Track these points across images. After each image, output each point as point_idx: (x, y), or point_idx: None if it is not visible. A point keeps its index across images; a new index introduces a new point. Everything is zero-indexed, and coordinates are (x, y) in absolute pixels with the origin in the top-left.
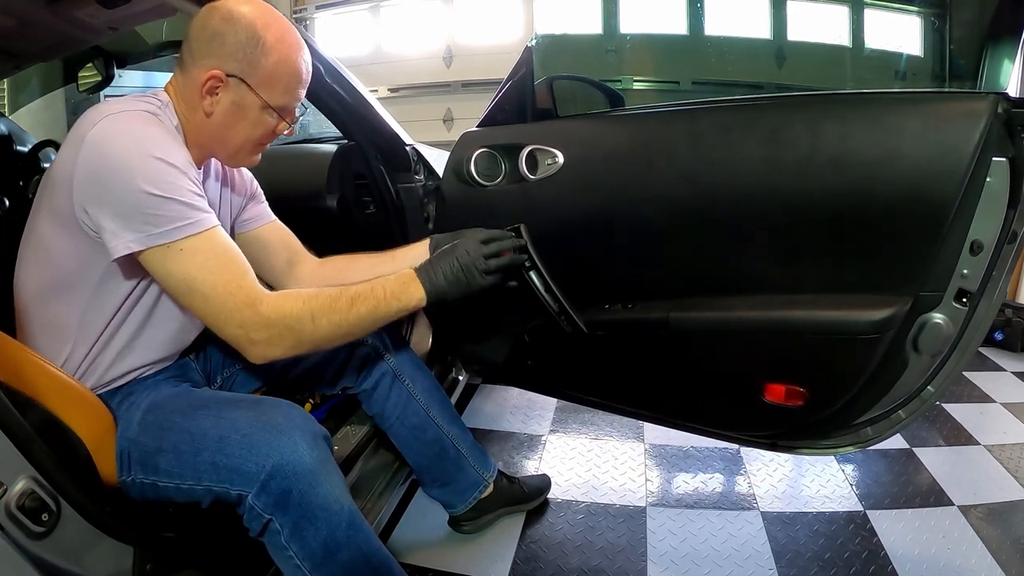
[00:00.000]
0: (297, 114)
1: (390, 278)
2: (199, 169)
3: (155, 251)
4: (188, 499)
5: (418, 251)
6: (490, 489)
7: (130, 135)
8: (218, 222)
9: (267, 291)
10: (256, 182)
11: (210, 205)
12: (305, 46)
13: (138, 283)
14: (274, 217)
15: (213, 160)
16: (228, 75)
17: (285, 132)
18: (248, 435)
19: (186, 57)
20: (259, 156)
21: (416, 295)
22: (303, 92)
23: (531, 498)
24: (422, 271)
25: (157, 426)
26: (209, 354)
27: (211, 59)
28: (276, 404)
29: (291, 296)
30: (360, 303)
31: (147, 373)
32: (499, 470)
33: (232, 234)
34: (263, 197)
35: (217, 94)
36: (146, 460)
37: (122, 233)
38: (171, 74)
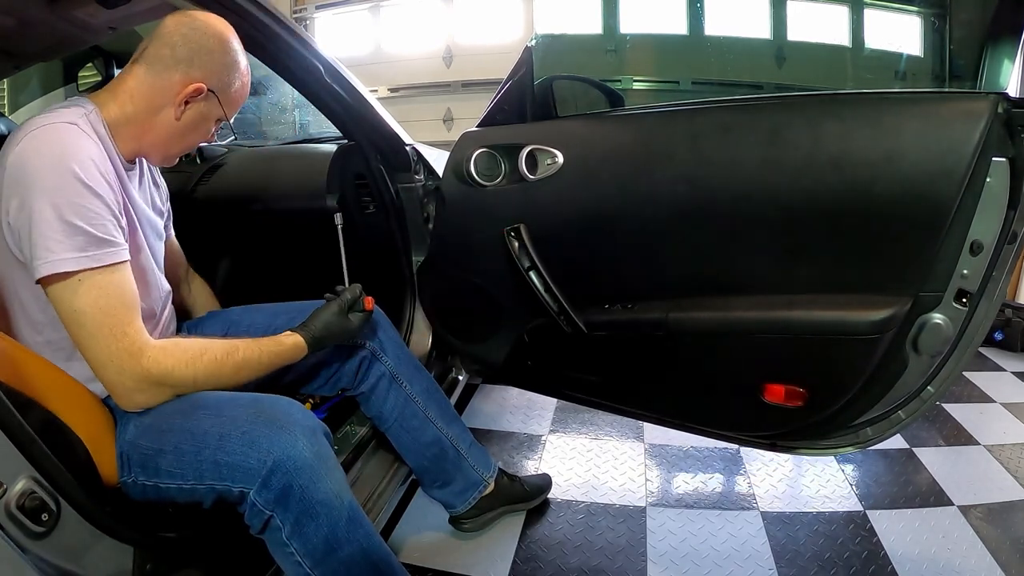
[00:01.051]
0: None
1: (270, 339)
2: (132, 165)
3: (55, 276)
4: (190, 499)
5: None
6: (491, 487)
7: (49, 151)
8: (126, 257)
9: (152, 342)
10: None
11: (142, 203)
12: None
13: None
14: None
15: (142, 160)
16: (210, 89)
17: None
18: (248, 432)
19: (165, 57)
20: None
21: (297, 344)
22: None
23: (532, 497)
24: (299, 328)
25: (156, 428)
26: None
27: (197, 71)
28: (275, 401)
29: (175, 353)
30: (244, 369)
31: None
32: (500, 469)
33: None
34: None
35: (191, 103)
36: (147, 462)
37: (34, 255)
38: None
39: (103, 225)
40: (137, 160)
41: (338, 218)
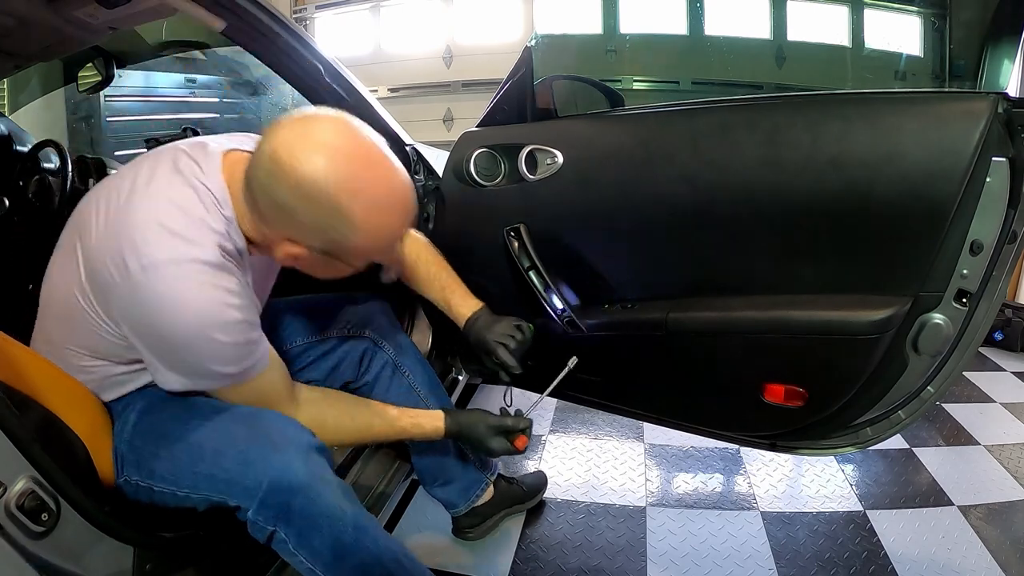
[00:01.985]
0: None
1: (410, 420)
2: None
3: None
4: (183, 504)
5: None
6: (490, 493)
7: (185, 320)
8: (267, 362)
9: (301, 418)
10: None
11: (261, 276)
12: (399, 201)
13: None
14: None
15: None
16: (310, 248)
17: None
18: (244, 450)
19: (253, 207)
20: None
21: (436, 431)
22: (399, 243)
23: (530, 496)
24: (448, 417)
25: (152, 431)
26: None
27: (286, 230)
28: (269, 418)
29: (318, 432)
30: (374, 439)
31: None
32: (499, 473)
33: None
34: None
35: (296, 255)
36: (141, 464)
37: (175, 379)
38: (168, 74)
39: (250, 347)
40: None
41: None
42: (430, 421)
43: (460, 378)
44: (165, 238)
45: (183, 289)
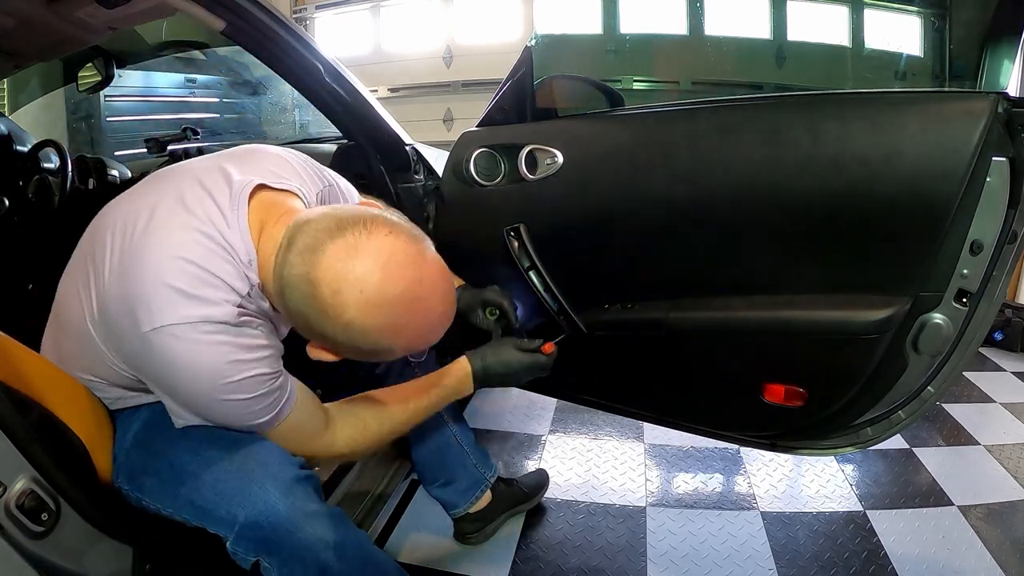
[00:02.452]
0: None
1: (437, 383)
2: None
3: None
4: (169, 519)
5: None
6: (489, 497)
7: (204, 375)
8: (295, 399)
9: (339, 437)
10: None
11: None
12: (444, 316)
13: None
14: None
15: None
16: (325, 346)
17: None
18: (221, 480)
19: (287, 307)
20: None
21: (466, 388)
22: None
23: (530, 497)
24: (477, 364)
25: (146, 446)
26: None
27: (317, 336)
28: (251, 446)
29: (359, 440)
30: (417, 418)
31: None
32: (498, 475)
33: None
34: None
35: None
36: (134, 476)
37: (195, 419)
38: (168, 74)
39: (271, 407)
40: None
41: None
42: (457, 369)
43: None
44: (176, 299)
45: (196, 351)
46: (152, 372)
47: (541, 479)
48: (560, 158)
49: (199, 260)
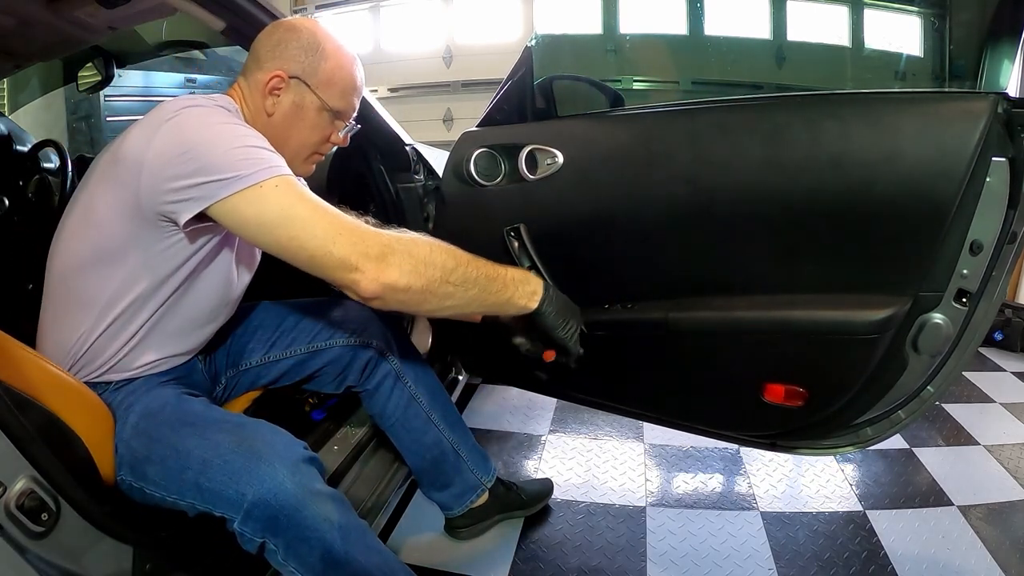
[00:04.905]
0: (346, 129)
1: (516, 276)
2: None
3: (245, 194)
4: (173, 508)
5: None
6: (485, 497)
7: (210, 123)
8: (292, 176)
9: (395, 244)
10: None
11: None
12: (359, 63)
13: (181, 265)
14: None
15: None
16: (291, 76)
17: (339, 142)
18: (229, 461)
19: (251, 64)
20: (313, 166)
21: (530, 300)
22: (357, 102)
23: (529, 504)
24: (550, 286)
25: (147, 434)
26: (215, 357)
27: (275, 62)
28: (258, 429)
29: (421, 251)
30: (476, 266)
31: (158, 368)
32: (497, 477)
33: None
34: None
35: (279, 94)
36: (136, 465)
37: (206, 187)
38: (168, 73)
39: (269, 157)
40: None
41: None
42: (532, 275)
43: (460, 378)
44: (185, 99)
45: (205, 114)
46: (172, 143)
47: (544, 489)
48: (560, 158)
49: (200, 100)
